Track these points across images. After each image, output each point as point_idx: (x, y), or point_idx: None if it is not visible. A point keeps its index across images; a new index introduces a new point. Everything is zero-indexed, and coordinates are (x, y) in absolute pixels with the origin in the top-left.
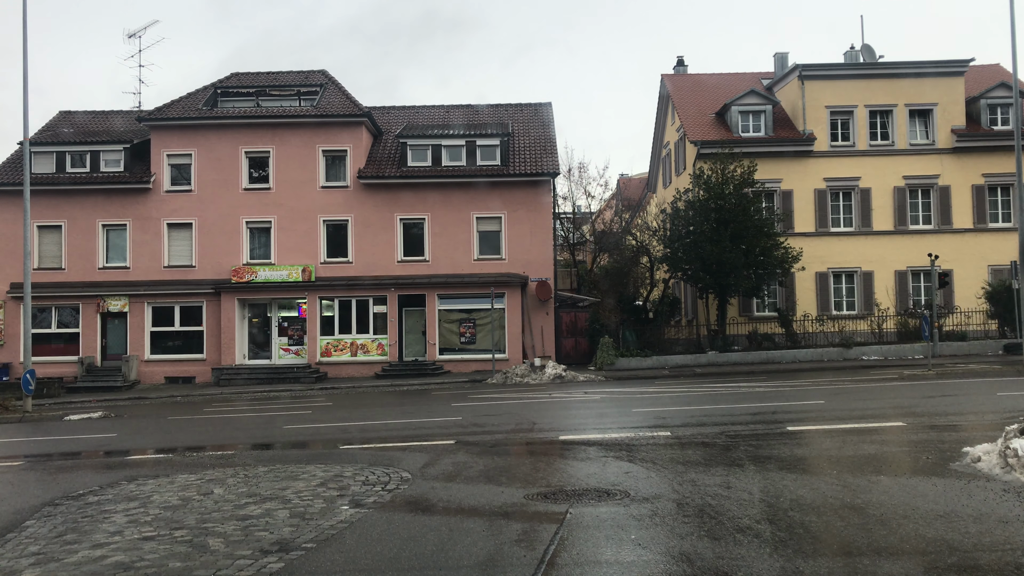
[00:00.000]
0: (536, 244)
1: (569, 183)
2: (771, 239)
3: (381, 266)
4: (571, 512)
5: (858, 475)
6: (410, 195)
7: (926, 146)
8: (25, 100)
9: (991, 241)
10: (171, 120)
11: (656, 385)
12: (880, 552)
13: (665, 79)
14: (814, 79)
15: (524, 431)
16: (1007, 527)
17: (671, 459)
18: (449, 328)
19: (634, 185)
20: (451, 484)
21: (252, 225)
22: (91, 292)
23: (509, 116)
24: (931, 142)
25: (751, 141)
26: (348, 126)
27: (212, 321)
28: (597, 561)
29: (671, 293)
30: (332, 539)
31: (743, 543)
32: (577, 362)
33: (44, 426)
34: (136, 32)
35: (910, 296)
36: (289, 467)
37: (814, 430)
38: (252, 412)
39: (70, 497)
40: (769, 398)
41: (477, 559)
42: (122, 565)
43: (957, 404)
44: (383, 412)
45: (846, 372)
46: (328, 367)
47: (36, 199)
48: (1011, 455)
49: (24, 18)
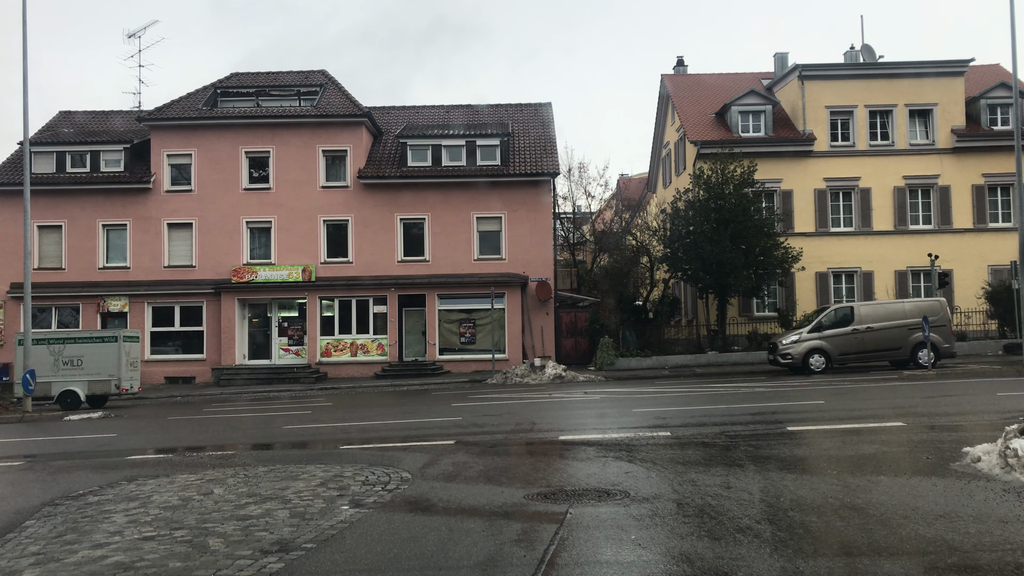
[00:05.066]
0: (536, 244)
1: (569, 183)
2: (771, 239)
3: (381, 266)
4: (571, 512)
5: (858, 475)
6: (410, 195)
7: (926, 146)
8: (25, 100)
9: (991, 241)
10: (171, 120)
11: (656, 385)
12: (880, 552)
13: (665, 79)
14: (814, 79)
15: (524, 431)
16: (1007, 527)
17: (671, 459)
18: (449, 328)
19: (634, 185)
20: (451, 484)
21: (252, 225)
22: (91, 292)
23: (509, 116)
24: (931, 142)
25: (751, 141)
26: (348, 126)
27: (212, 321)
28: (597, 561)
29: (671, 293)
30: (332, 539)
31: (743, 543)
32: (577, 362)
33: (44, 426)
34: (136, 32)
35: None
36: (289, 467)
37: (814, 430)
38: (252, 412)
39: (70, 497)
40: (769, 398)
41: (477, 559)
42: (122, 565)
43: (957, 404)
44: (383, 412)
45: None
46: (328, 367)
47: (36, 199)
48: (1011, 455)
49: (24, 18)
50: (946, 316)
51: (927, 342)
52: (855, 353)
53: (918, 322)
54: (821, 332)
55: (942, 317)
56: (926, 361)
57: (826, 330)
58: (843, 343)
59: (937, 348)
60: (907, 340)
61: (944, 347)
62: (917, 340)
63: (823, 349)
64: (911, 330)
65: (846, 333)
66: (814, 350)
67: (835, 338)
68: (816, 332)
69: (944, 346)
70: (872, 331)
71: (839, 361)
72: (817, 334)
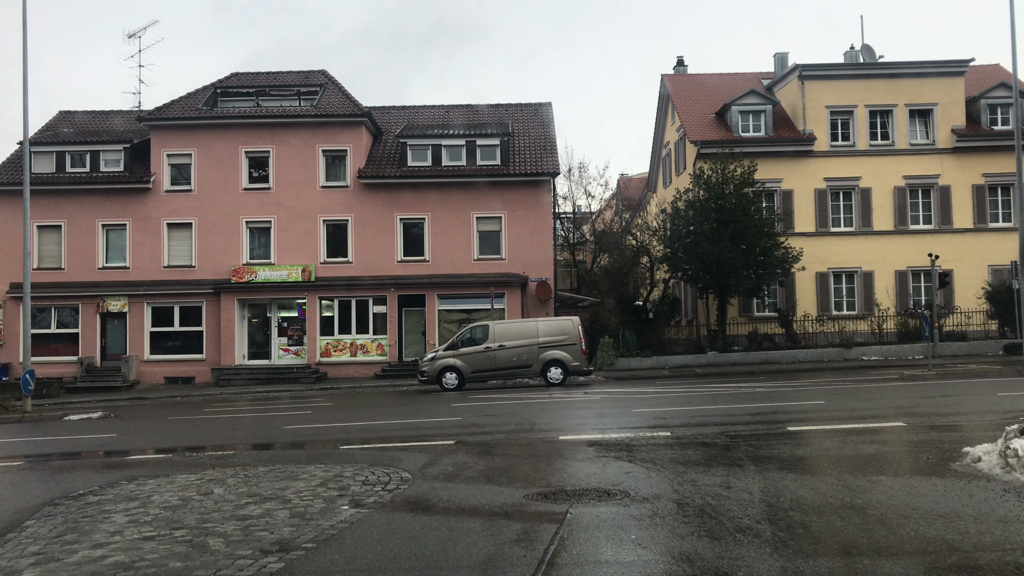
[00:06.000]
0: (536, 244)
1: (569, 183)
2: (771, 239)
3: (381, 266)
4: (571, 512)
5: (858, 475)
6: (410, 195)
7: (926, 146)
8: (25, 100)
9: (991, 241)
10: (171, 120)
11: (656, 385)
12: (880, 552)
13: (665, 79)
14: (814, 79)
15: (524, 431)
16: (1007, 527)
17: (671, 459)
18: (449, 328)
19: (634, 185)
20: (451, 484)
21: (252, 225)
22: (91, 292)
23: (509, 116)
24: (931, 142)
25: (751, 141)
26: (348, 126)
27: (212, 321)
28: (597, 561)
29: (671, 293)
30: (332, 539)
31: (743, 543)
32: None
33: (44, 426)
34: (136, 32)
35: (910, 296)
36: (289, 467)
37: (814, 430)
38: (252, 412)
39: (70, 497)
40: (769, 398)
41: (477, 559)
42: (122, 565)
43: (957, 404)
44: (383, 412)
45: (846, 372)
46: (328, 367)
47: (36, 199)
48: (1011, 455)
49: (24, 18)
50: (577, 335)
51: (563, 360)
52: (487, 371)
53: (549, 340)
54: (456, 350)
55: (573, 336)
56: (556, 378)
57: (461, 348)
58: (476, 361)
59: (566, 366)
60: (538, 358)
61: (574, 365)
62: (547, 358)
63: (456, 367)
64: (542, 348)
65: (479, 351)
66: (447, 368)
67: (469, 356)
68: (452, 350)
69: (574, 364)
70: (504, 349)
71: (472, 379)
72: (453, 352)
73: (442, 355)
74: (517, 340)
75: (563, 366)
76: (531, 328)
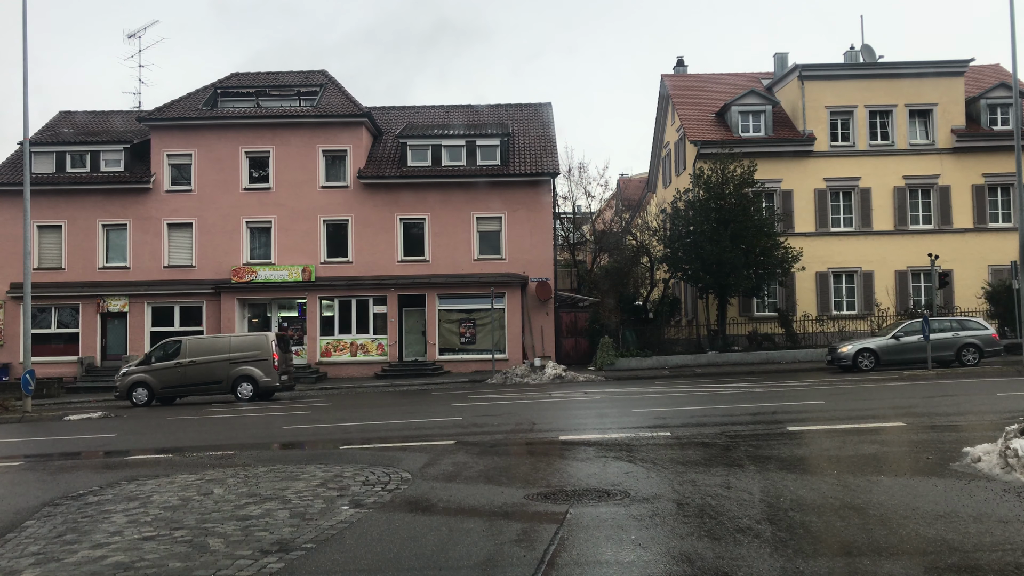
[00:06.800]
0: (536, 244)
1: (569, 183)
2: (771, 239)
3: (381, 266)
4: (571, 512)
5: (858, 475)
6: (410, 195)
7: (926, 146)
8: (25, 100)
9: (991, 241)
10: (171, 120)
11: (656, 385)
12: (880, 552)
13: (665, 79)
14: (814, 79)
15: (524, 431)
16: (1007, 527)
17: (671, 459)
18: (449, 328)
19: (634, 185)
20: (451, 484)
21: (252, 225)
22: (91, 292)
23: (509, 116)
24: (931, 142)
25: (751, 141)
26: (348, 126)
27: (212, 321)
28: (597, 561)
29: (671, 293)
30: (332, 539)
31: (743, 543)
32: (577, 362)
33: (44, 426)
34: (136, 32)
35: (910, 296)
36: (289, 467)
37: (814, 430)
38: (252, 412)
39: (70, 497)
40: (769, 398)
41: (477, 559)
42: (122, 565)
43: (957, 404)
44: (383, 412)
45: (846, 372)
46: (328, 367)
47: (36, 199)
48: (1011, 455)
49: (24, 18)
50: (268, 351)
51: (254, 376)
52: (178, 386)
53: (242, 356)
54: (149, 365)
55: (265, 351)
56: (245, 394)
57: (154, 363)
58: (167, 376)
59: (256, 381)
60: (229, 374)
61: (264, 381)
62: (237, 374)
63: (146, 382)
64: (234, 364)
65: (170, 367)
66: (138, 383)
67: (159, 371)
68: (144, 365)
69: (265, 380)
70: (196, 364)
71: (162, 395)
72: (145, 367)
73: (134, 370)
74: (208, 355)
75: (254, 382)
76: (223, 344)
